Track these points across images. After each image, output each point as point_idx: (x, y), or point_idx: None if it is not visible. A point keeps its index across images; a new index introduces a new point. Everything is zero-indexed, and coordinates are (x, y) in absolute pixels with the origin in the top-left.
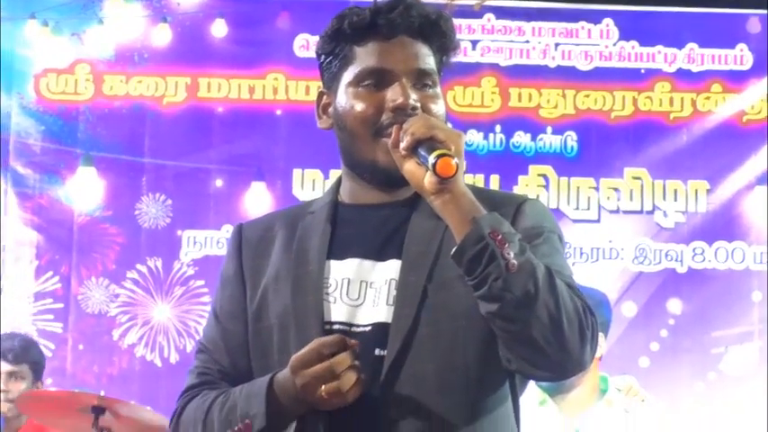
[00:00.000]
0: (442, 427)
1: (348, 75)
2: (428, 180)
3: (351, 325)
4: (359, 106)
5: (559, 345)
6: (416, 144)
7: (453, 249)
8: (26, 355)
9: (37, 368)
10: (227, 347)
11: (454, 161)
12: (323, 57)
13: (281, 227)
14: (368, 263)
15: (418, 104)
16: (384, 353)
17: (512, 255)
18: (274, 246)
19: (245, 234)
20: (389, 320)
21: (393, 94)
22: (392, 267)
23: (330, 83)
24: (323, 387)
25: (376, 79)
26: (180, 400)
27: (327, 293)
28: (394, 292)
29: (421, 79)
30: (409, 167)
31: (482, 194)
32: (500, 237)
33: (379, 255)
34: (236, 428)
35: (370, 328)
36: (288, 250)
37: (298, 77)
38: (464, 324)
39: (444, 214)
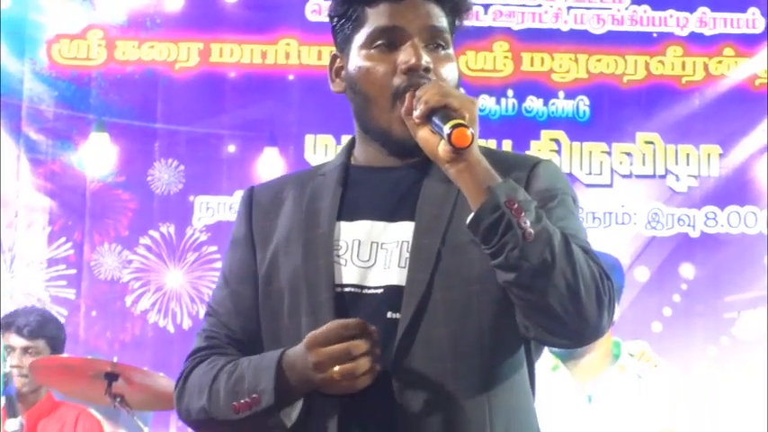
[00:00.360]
0: (456, 391)
1: (360, 37)
2: (443, 149)
3: (362, 287)
4: (371, 68)
5: (577, 312)
6: (430, 112)
7: (469, 218)
8: (42, 330)
9: (55, 343)
10: (236, 310)
11: (470, 131)
12: (335, 19)
13: (291, 189)
14: (379, 224)
15: (431, 65)
16: (396, 315)
17: (528, 223)
18: (284, 208)
19: (256, 197)
20: (402, 283)
21: (405, 56)
22: (404, 229)
23: (343, 46)
24: (336, 368)
25: (388, 39)
26: (186, 363)
27: (338, 255)
28: (406, 255)
29: (433, 38)
30: (423, 135)
31: (495, 156)
32: (516, 205)
33: (391, 216)
34: (242, 401)
35: (381, 290)
36: (298, 212)
37: (310, 42)
38: (478, 289)
39: (459, 182)
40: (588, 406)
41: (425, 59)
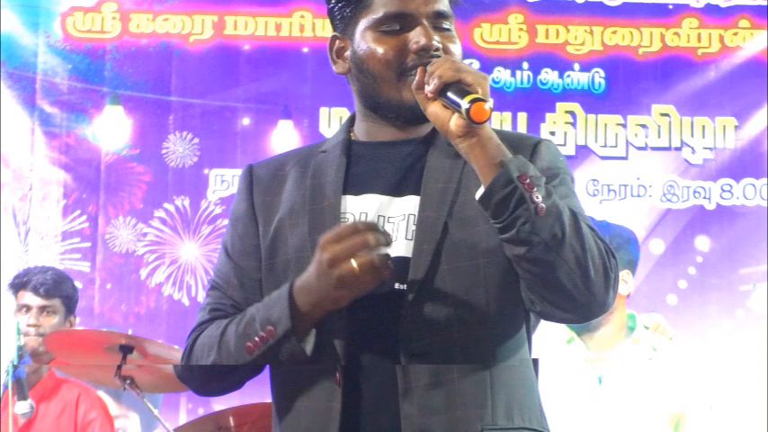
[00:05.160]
0: (461, 360)
1: (366, 19)
2: (455, 123)
3: None
4: (381, 49)
5: (586, 287)
6: (444, 87)
7: (480, 192)
8: (58, 289)
9: (69, 303)
10: (240, 283)
11: (488, 106)
12: (333, 2)
13: (292, 166)
14: (385, 198)
15: (440, 45)
16: (403, 287)
17: (540, 198)
18: (286, 184)
19: (256, 173)
20: (408, 254)
21: (417, 36)
22: (410, 203)
23: (344, 27)
24: (353, 261)
25: (397, 23)
26: (190, 336)
27: None
28: (413, 227)
29: (439, 21)
30: (434, 110)
31: (498, 135)
32: (528, 180)
33: (397, 190)
34: (255, 339)
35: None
36: (301, 186)
37: (324, 15)
38: (485, 262)
39: (470, 157)
40: (598, 388)
41: (436, 39)
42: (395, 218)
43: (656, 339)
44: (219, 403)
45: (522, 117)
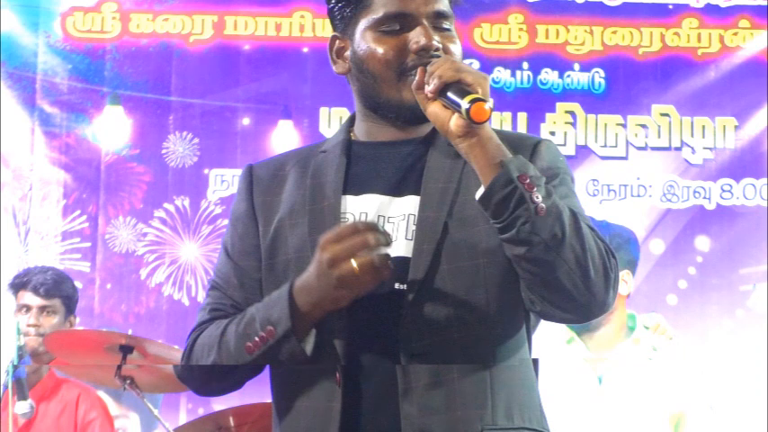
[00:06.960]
0: (461, 360)
1: (366, 19)
2: (455, 123)
3: None
4: (381, 49)
5: (586, 287)
6: (444, 87)
7: (480, 192)
8: (58, 289)
9: (69, 303)
10: (240, 284)
11: (488, 106)
12: (333, 2)
13: (292, 166)
14: (385, 198)
15: (440, 45)
16: (403, 287)
17: (540, 198)
18: (286, 184)
19: (256, 173)
20: (408, 254)
21: (416, 36)
22: (410, 203)
23: (344, 27)
24: (354, 261)
25: (397, 23)
26: (190, 336)
27: None
28: (413, 227)
29: (439, 21)
30: (434, 110)
31: (498, 135)
32: (528, 180)
33: (397, 190)
34: (255, 339)
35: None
36: (301, 186)
37: (324, 15)
38: (485, 262)
39: (470, 157)
40: (598, 388)
41: (436, 39)
42: (395, 218)
43: (656, 339)
44: (219, 403)
45: (522, 117)
